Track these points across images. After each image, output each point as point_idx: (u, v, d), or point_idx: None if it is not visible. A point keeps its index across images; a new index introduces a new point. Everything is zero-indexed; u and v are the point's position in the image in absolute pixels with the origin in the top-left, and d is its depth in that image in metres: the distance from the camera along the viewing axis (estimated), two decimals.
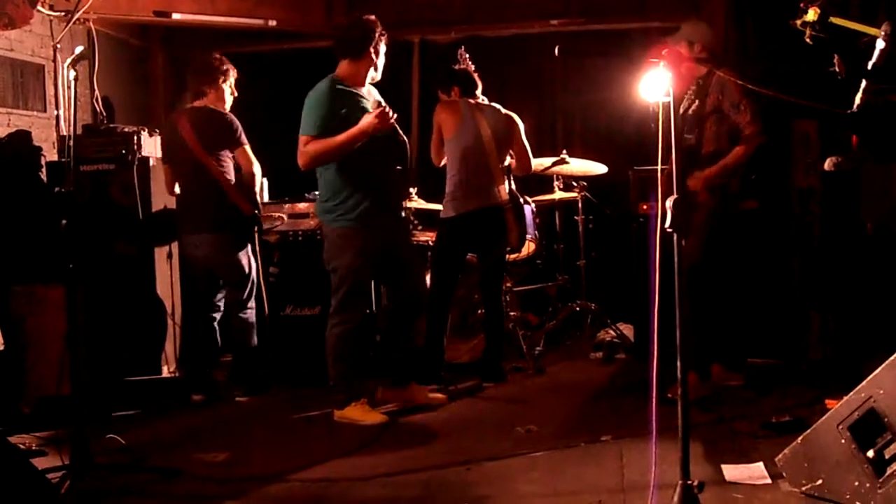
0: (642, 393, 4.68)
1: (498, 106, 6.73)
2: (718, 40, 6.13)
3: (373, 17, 5.81)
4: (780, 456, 4.10)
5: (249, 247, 6.54)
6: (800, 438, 4.01)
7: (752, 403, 5.71)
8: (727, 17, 7.92)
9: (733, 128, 5.73)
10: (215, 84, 6.44)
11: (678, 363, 3.53)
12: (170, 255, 7.05)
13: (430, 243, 7.02)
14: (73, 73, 4.62)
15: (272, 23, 8.69)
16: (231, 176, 6.37)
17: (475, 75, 6.80)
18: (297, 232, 7.26)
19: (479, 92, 6.76)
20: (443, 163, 6.60)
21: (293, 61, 9.14)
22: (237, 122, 6.39)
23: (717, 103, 5.77)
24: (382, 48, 5.84)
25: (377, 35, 5.76)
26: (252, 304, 6.58)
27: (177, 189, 6.52)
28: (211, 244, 6.32)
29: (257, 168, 6.39)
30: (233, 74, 6.53)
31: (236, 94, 6.59)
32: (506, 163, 6.63)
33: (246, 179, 6.40)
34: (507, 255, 6.94)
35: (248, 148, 6.38)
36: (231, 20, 8.54)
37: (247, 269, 6.48)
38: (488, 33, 9.09)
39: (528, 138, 6.71)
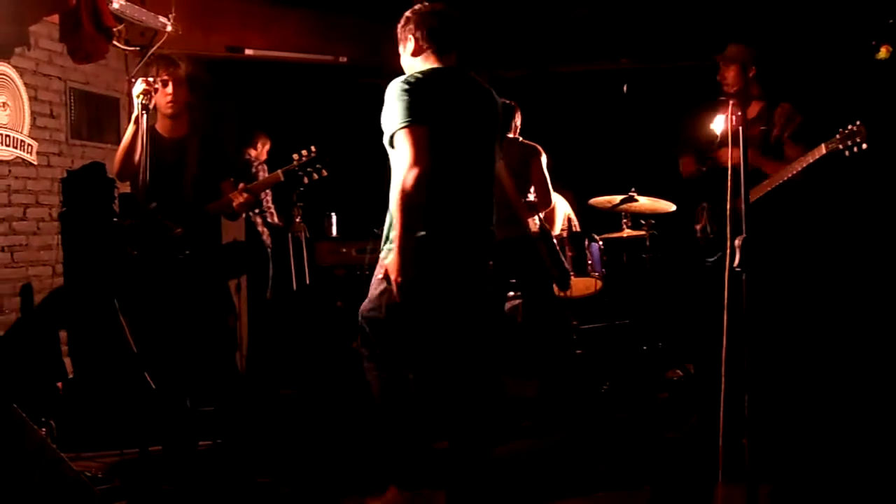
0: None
1: (517, 137, 6.74)
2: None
3: None
4: None
5: None
6: None
7: None
8: None
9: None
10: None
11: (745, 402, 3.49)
12: (238, 288, 7.11)
13: None
14: (140, 104, 4.70)
15: (342, 59, 8.78)
16: None
17: (515, 114, 6.83)
18: (363, 266, 7.29)
19: (515, 129, 6.78)
20: None
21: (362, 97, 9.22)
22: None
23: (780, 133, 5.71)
24: None
25: None
26: None
27: None
28: None
29: None
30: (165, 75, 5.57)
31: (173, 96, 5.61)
32: (530, 197, 6.58)
33: None
34: (561, 292, 6.84)
35: None
36: (301, 56, 8.63)
37: None
38: (555, 70, 9.12)
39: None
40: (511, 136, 6.85)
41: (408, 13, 4.52)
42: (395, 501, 4.55)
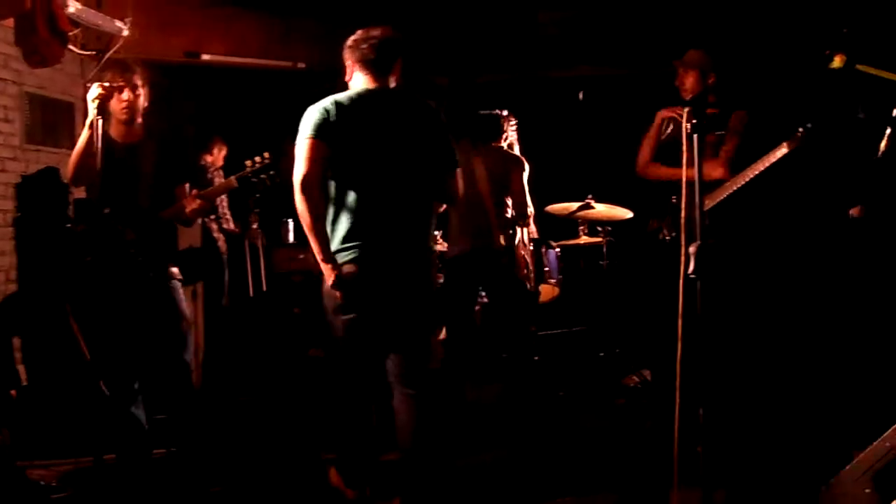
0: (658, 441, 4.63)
1: (503, 146, 6.78)
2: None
3: None
4: None
5: None
6: (823, 487, 3.96)
7: None
8: None
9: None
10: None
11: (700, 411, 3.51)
12: (195, 295, 7.07)
13: None
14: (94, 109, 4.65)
15: (301, 65, 8.76)
16: None
17: (503, 123, 6.85)
18: (321, 273, 7.27)
19: (503, 138, 6.81)
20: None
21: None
22: None
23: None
24: None
25: None
26: None
27: None
28: None
29: None
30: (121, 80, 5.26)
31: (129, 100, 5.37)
32: (507, 213, 6.67)
33: None
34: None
35: None
36: (260, 61, 8.61)
37: None
38: (515, 77, 9.15)
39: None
40: (497, 144, 6.87)
41: (348, 41, 4.65)
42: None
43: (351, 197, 4.48)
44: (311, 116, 4.44)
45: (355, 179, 4.49)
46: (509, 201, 6.72)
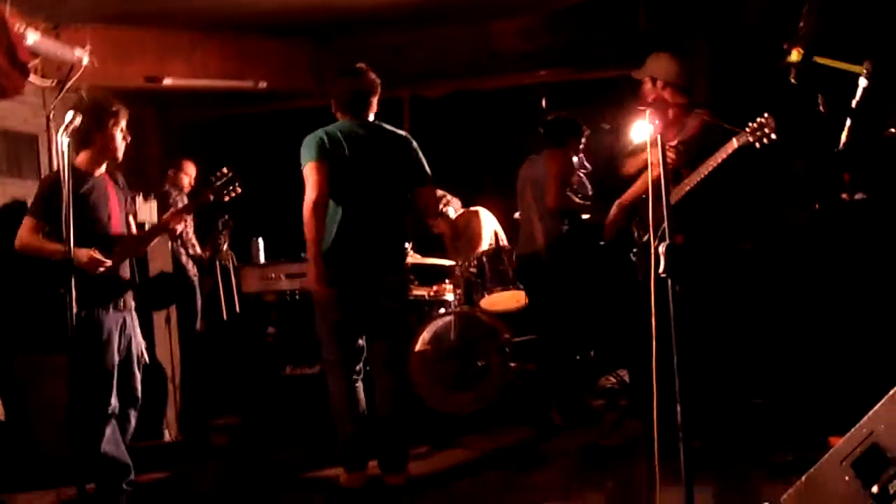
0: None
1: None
2: (688, 73, 5.93)
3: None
4: (784, 496, 4.08)
5: None
6: (804, 477, 3.99)
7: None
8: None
9: None
10: (102, 129, 5.34)
11: (678, 407, 3.54)
12: (168, 320, 7.05)
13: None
14: (66, 141, 4.61)
15: (262, 84, 8.77)
16: None
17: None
18: (293, 291, 7.28)
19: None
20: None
21: (281, 121, 9.20)
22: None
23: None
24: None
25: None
26: None
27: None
28: None
29: None
30: (123, 116, 5.44)
31: (128, 139, 5.50)
32: None
33: None
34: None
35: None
36: (221, 83, 8.61)
37: None
38: (477, 87, 9.19)
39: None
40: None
41: (334, 84, 5.67)
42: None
43: (334, 210, 5.37)
44: (311, 143, 5.36)
45: (340, 196, 5.37)
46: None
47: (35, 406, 6.10)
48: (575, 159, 7.16)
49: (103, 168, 5.38)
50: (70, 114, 4.70)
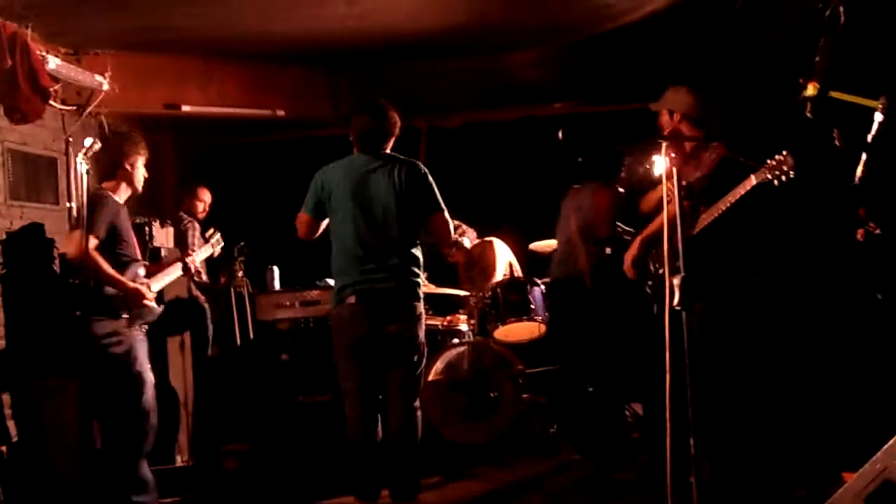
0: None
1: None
2: (706, 107, 5.91)
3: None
4: None
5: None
6: None
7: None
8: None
9: None
10: (126, 165, 5.66)
11: (691, 442, 3.53)
12: (182, 345, 7.07)
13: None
14: (85, 166, 4.66)
15: (280, 112, 8.80)
16: None
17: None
18: (307, 319, 7.29)
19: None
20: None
21: (300, 149, 9.23)
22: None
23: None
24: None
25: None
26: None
27: None
28: None
29: None
30: (146, 153, 5.79)
31: (147, 175, 5.87)
32: None
33: None
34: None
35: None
36: (239, 111, 8.65)
37: None
38: (495, 118, 9.22)
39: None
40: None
41: (352, 120, 5.73)
42: None
43: (344, 241, 5.55)
44: (310, 189, 5.65)
45: (346, 230, 5.53)
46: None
47: (48, 428, 6.11)
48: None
49: (124, 199, 5.54)
50: (89, 140, 4.77)
